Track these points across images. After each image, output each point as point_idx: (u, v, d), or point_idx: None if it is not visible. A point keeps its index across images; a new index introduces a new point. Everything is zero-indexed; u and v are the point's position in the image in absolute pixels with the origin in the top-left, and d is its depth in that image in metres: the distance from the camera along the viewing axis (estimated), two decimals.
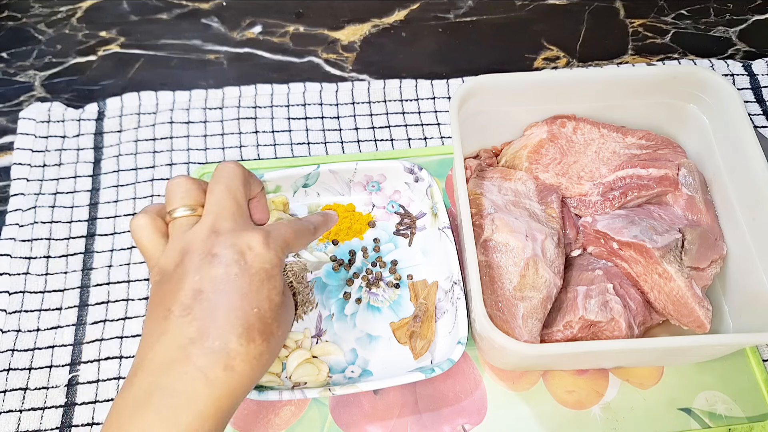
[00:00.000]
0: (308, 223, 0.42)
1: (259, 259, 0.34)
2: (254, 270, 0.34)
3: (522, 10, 0.72)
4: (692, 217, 0.49)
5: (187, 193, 0.37)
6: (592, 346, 0.39)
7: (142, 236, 0.37)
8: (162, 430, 0.30)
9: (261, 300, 0.34)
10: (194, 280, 0.33)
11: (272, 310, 0.34)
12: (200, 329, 0.32)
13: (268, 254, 0.35)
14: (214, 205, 0.36)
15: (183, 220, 0.37)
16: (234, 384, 0.32)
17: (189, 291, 0.33)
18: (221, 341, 0.32)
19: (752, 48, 0.69)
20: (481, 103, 0.50)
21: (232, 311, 0.33)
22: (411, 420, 0.47)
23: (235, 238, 0.35)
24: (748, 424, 0.47)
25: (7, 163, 0.60)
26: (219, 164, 0.39)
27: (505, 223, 0.46)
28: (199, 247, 0.34)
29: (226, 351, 0.32)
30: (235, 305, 0.33)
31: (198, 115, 0.62)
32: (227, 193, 0.37)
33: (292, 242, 0.38)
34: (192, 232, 0.35)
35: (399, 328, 0.50)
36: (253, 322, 0.33)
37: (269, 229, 0.37)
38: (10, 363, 0.50)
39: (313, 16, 0.71)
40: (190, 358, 0.31)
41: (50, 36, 0.69)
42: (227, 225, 0.35)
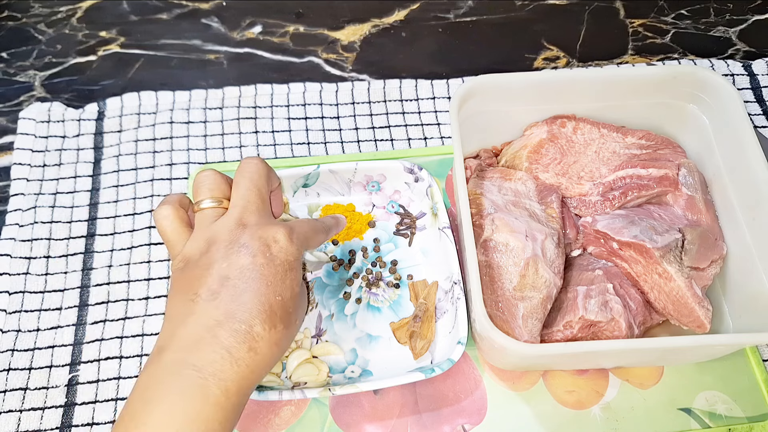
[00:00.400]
0: (323, 224, 0.44)
1: (284, 252, 0.37)
2: (279, 261, 0.36)
3: (522, 10, 0.72)
4: (692, 217, 0.49)
5: (215, 185, 0.39)
6: (592, 346, 0.39)
7: (166, 225, 0.39)
8: (189, 403, 0.32)
9: (284, 289, 0.36)
10: (222, 267, 0.35)
11: (293, 299, 0.37)
12: (227, 312, 0.34)
13: (291, 247, 0.37)
14: (241, 199, 0.38)
15: (209, 212, 0.38)
16: (255, 365, 0.34)
17: (216, 277, 0.35)
18: (247, 324, 0.34)
19: (752, 48, 0.69)
20: (481, 103, 0.50)
21: (258, 298, 0.35)
22: (411, 420, 0.47)
23: (261, 231, 0.37)
24: (748, 424, 0.47)
25: (7, 163, 0.60)
26: (244, 159, 0.41)
27: (505, 223, 0.46)
28: (226, 237, 0.36)
29: (251, 334, 0.34)
30: (261, 292, 0.35)
31: (198, 115, 0.62)
32: (253, 188, 0.39)
33: (310, 239, 0.40)
34: (219, 224, 0.37)
35: (399, 328, 0.50)
36: (276, 309, 0.35)
37: (292, 225, 0.39)
38: (10, 363, 0.50)
39: (313, 16, 0.71)
40: (218, 338, 0.33)
41: (50, 36, 0.69)
42: (253, 218, 0.38)
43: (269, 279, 0.36)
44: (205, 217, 0.38)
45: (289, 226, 0.38)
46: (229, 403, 0.33)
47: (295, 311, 0.37)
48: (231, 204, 0.39)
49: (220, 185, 0.39)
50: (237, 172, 0.40)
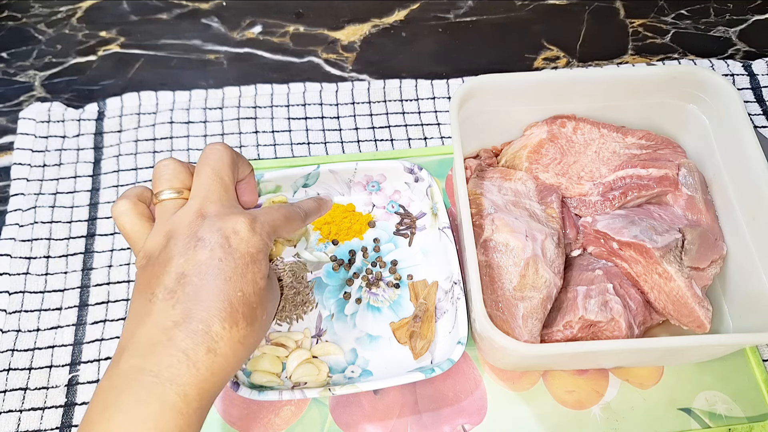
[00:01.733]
0: (299, 209, 0.42)
1: (244, 243, 0.34)
2: (239, 254, 0.34)
3: (522, 10, 0.72)
4: (692, 217, 0.49)
5: (174, 175, 0.37)
6: (592, 346, 0.39)
7: (124, 222, 0.37)
8: (147, 410, 0.30)
9: (245, 284, 0.34)
10: (179, 264, 0.33)
11: (257, 294, 0.35)
12: (184, 312, 0.32)
13: (253, 238, 0.35)
14: (201, 188, 0.36)
15: (169, 203, 0.37)
16: (217, 367, 0.32)
17: (173, 274, 0.33)
18: (204, 324, 0.32)
19: (752, 48, 0.69)
20: (481, 103, 0.50)
21: (216, 295, 0.33)
22: (411, 420, 0.47)
23: (220, 222, 0.35)
24: (748, 424, 0.47)
25: (7, 163, 0.60)
26: (207, 145, 0.38)
27: (505, 223, 0.46)
28: (184, 230, 0.34)
29: (210, 334, 0.32)
30: (219, 289, 0.33)
31: (198, 115, 0.62)
32: (214, 176, 0.37)
33: (280, 227, 0.38)
34: (177, 216, 0.35)
35: (399, 328, 0.50)
36: (237, 306, 0.33)
37: (257, 213, 0.37)
38: (10, 363, 0.50)
39: (313, 16, 0.71)
40: (174, 340, 0.32)
41: (50, 36, 0.69)
42: (213, 208, 0.35)
43: (228, 274, 0.33)
44: (164, 209, 0.36)
45: (252, 214, 0.36)
46: (189, 409, 0.31)
47: (261, 306, 0.35)
48: (191, 194, 0.36)
49: (179, 174, 0.37)
50: (199, 160, 0.38)
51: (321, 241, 0.54)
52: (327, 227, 0.54)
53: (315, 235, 0.55)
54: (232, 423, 0.47)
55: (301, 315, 0.51)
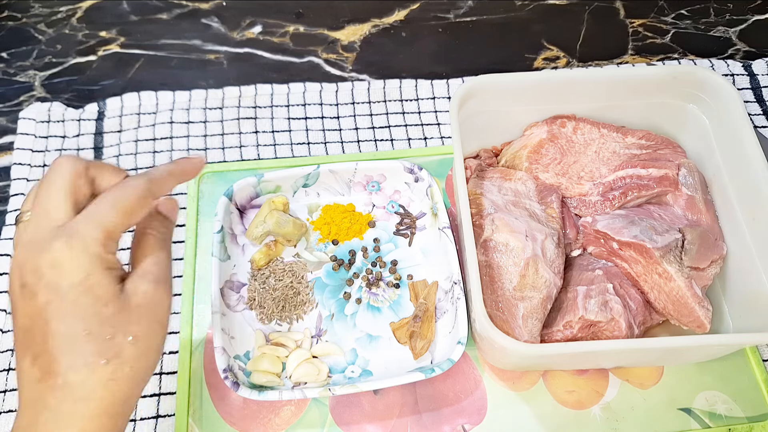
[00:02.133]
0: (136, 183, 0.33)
1: (67, 274, 0.30)
2: (64, 291, 0.30)
3: (522, 10, 0.72)
4: (692, 217, 0.49)
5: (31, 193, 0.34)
6: (592, 346, 0.39)
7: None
8: None
9: (86, 319, 0.30)
10: (20, 317, 0.31)
11: (106, 323, 0.31)
12: (42, 370, 0.30)
13: (75, 262, 0.30)
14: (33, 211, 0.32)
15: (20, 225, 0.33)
16: (97, 411, 0.30)
17: (20, 330, 0.31)
18: (62, 378, 0.30)
19: (752, 48, 0.69)
20: (481, 103, 0.50)
21: (61, 344, 0.30)
22: (411, 420, 0.47)
23: (38, 258, 0.31)
24: (748, 424, 0.47)
25: (7, 163, 0.60)
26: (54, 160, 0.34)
27: (505, 223, 0.46)
28: (13, 275, 0.32)
29: (69, 385, 0.30)
30: (61, 336, 0.30)
31: (198, 115, 0.62)
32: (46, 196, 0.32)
33: (113, 224, 0.32)
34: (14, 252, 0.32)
35: (399, 328, 0.50)
36: (87, 347, 0.30)
37: (75, 226, 0.31)
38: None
39: (313, 16, 0.71)
40: (43, 398, 0.30)
41: (50, 36, 0.69)
42: (36, 236, 0.31)
43: (61, 317, 0.30)
44: (19, 232, 0.33)
45: (70, 230, 0.31)
46: None
47: (121, 332, 0.31)
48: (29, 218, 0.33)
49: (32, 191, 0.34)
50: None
51: (321, 241, 0.54)
52: (327, 227, 0.54)
53: (315, 235, 0.55)
54: (232, 423, 0.47)
55: (301, 315, 0.51)
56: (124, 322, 0.31)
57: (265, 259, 0.52)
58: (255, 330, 0.50)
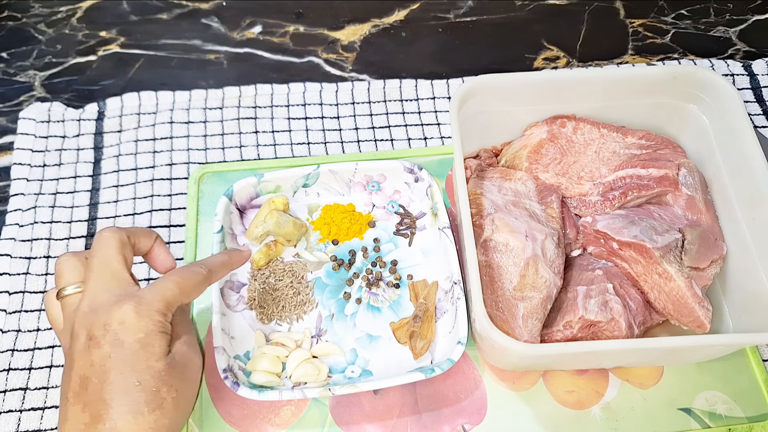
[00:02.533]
0: (199, 270, 0.41)
1: (131, 332, 0.36)
2: (127, 345, 0.36)
3: (522, 10, 0.72)
4: (692, 217, 0.49)
5: (72, 270, 0.39)
6: (592, 346, 0.39)
7: (48, 310, 0.40)
8: None
9: (140, 372, 0.36)
10: (79, 366, 0.36)
11: (155, 377, 0.36)
12: (92, 414, 0.35)
13: (140, 323, 0.36)
14: (91, 281, 0.38)
15: (70, 299, 0.39)
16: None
17: (77, 378, 0.36)
18: (111, 423, 0.34)
19: (752, 48, 0.69)
20: (481, 103, 0.50)
21: (115, 391, 0.35)
22: (411, 420, 0.47)
23: (106, 316, 0.36)
24: (748, 424, 0.47)
25: (7, 163, 0.60)
26: (96, 234, 0.40)
27: (505, 223, 0.46)
28: (79, 329, 0.37)
29: (117, 431, 0.34)
30: (117, 385, 0.35)
31: (198, 115, 0.62)
32: (101, 267, 0.38)
33: (173, 296, 0.39)
34: (75, 313, 0.38)
35: (399, 328, 0.50)
36: (137, 397, 0.35)
37: (143, 294, 0.38)
38: (10, 363, 0.50)
39: (313, 16, 0.71)
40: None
41: (50, 36, 0.69)
42: (103, 299, 0.37)
43: (120, 368, 0.35)
44: (67, 304, 0.39)
45: (138, 297, 0.37)
46: None
47: (166, 385, 0.36)
48: (84, 288, 0.38)
49: (76, 268, 0.39)
50: (90, 251, 0.39)
51: (321, 241, 0.54)
52: (327, 227, 0.54)
53: (315, 235, 0.55)
54: (232, 423, 0.47)
55: (301, 315, 0.51)
56: (169, 377, 0.37)
57: (265, 259, 0.52)
58: (255, 330, 0.50)
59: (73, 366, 0.36)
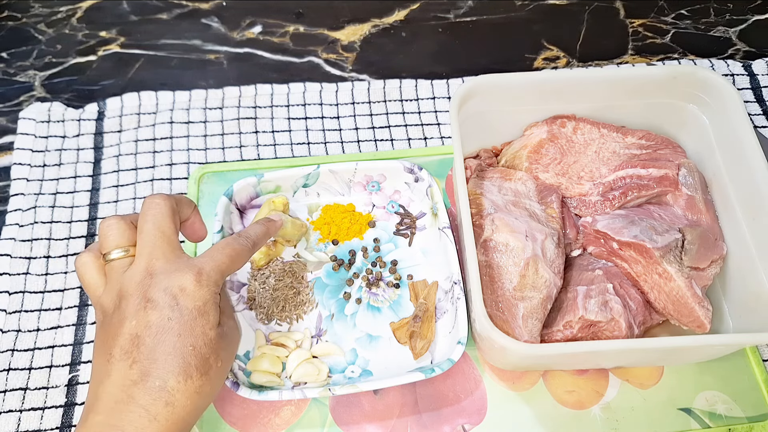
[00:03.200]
0: (246, 241, 0.42)
1: (191, 299, 0.37)
2: (187, 311, 0.36)
3: (522, 10, 0.72)
4: (692, 217, 0.49)
5: (120, 234, 0.39)
6: (592, 346, 0.39)
7: (84, 273, 0.39)
8: None
9: (195, 338, 0.36)
10: (131, 326, 0.36)
11: (207, 345, 0.37)
12: (141, 371, 0.35)
13: (200, 292, 0.37)
14: (145, 246, 0.38)
15: (117, 263, 0.39)
16: (176, 417, 0.35)
17: (127, 336, 0.36)
18: (161, 381, 0.35)
19: (752, 48, 0.69)
20: (481, 103, 0.50)
21: (169, 352, 0.35)
22: (411, 420, 0.47)
23: (167, 281, 0.37)
24: (748, 424, 0.47)
25: (7, 163, 0.60)
26: (146, 199, 0.40)
27: (505, 223, 0.46)
28: (134, 291, 0.37)
29: (166, 389, 0.35)
30: (171, 346, 0.36)
31: (198, 115, 0.62)
32: (156, 231, 0.38)
33: (227, 268, 0.40)
34: (127, 276, 0.38)
35: (399, 328, 0.50)
36: (190, 360, 0.36)
37: (202, 264, 0.38)
38: (10, 363, 0.50)
39: (313, 16, 0.71)
40: (134, 398, 0.34)
41: (50, 36, 0.69)
42: (159, 265, 0.37)
43: (178, 331, 0.36)
44: (114, 268, 0.38)
45: (198, 267, 0.38)
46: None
47: (214, 354, 0.37)
48: (137, 252, 0.38)
49: (124, 232, 0.39)
50: (140, 216, 0.39)
51: (321, 241, 0.54)
52: (327, 227, 0.54)
53: (315, 235, 0.55)
54: (232, 423, 0.47)
55: (301, 315, 0.51)
56: (217, 347, 0.38)
57: (265, 259, 0.52)
58: (255, 330, 0.50)
59: (122, 324, 0.36)
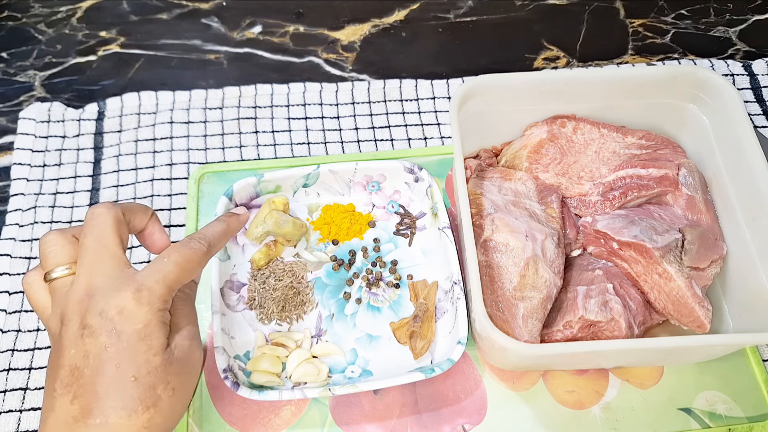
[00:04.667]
0: (197, 245, 0.38)
1: (130, 322, 0.33)
2: (125, 336, 0.33)
3: (522, 10, 0.72)
4: (692, 217, 0.49)
5: (60, 250, 0.36)
6: (592, 346, 0.39)
7: (31, 294, 0.36)
8: None
9: (137, 366, 0.33)
10: (71, 355, 0.33)
11: (152, 373, 0.33)
12: (82, 407, 0.32)
13: (139, 312, 0.33)
14: (84, 263, 0.35)
15: (60, 282, 0.36)
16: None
17: (67, 368, 0.33)
18: (102, 417, 0.32)
19: (752, 48, 0.69)
20: (481, 103, 0.50)
21: (109, 385, 0.32)
22: (411, 420, 0.47)
23: (104, 302, 0.33)
24: (748, 424, 0.47)
25: (7, 163, 0.60)
26: (89, 210, 0.37)
27: (505, 223, 0.46)
28: (72, 314, 0.34)
29: (108, 426, 0.32)
30: (111, 378, 0.32)
31: (198, 115, 0.62)
32: (97, 245, 0.35)
33: (176, 279, 0.36)
34: (67, 296, 0.34)
35: (399, 328, 0.50)
36: (132, 393, 0.33)
37: (143, 278, 0.35)
38: (10, 363, 0.50)
39: (313, 16, 0.71)
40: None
41: (50, 36, 0.69)
42: (99, 282, 0.34)
43: (117, 360, 0.33)
44: (56, 288, 0.35)
45: (137, 283, 0.34)
46: None
47: (162, 383, 0.34)
48: (77, 269, 0.35)
49: (64, 248, 0.36)
50: (82, 229, 0.36)
51: (321, 241, 0.54)
52: (327, 227, 0.54)
53: (315, 235, 0.55)
54: (232, 423, 0.47)
55: (301, 315, 0.51)
56: (166, 374, 0.34)
57: (265, 259, 0.52)
58: (255, 330, 0.50)
59: (62, 354, 0.33)
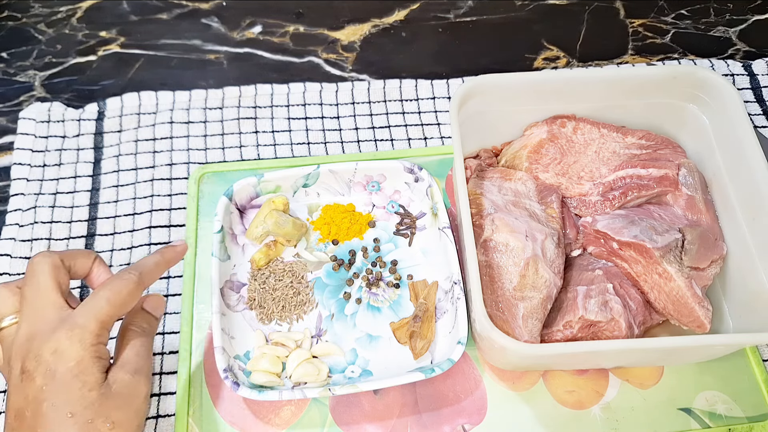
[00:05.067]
0: (129, 276, 0.38)
1: (63, 360, 0.34)
2: (59, 375, 0.34)
3: (522, 10, 0.72)
4: (692, 217, 0.49)
5: (6, 301, 0.38)
6: (592, 346, 0.39)
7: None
8: None
9: (73, 402, 0.34)
10: (14, 400, 0.35)
11: (89, 408, 0.34)
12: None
13: (72, 350, 0.35)
14: (25, 311, 0.37)
15: (7, 331, 0.38)
16: None
17: (12, 412, 0.35)
18: None
19: (752, 48, 0.69)
20: (481, 103, 0.50)
21: (48, 424, 0.34)
22: (411, 420, 0.47)
23: (40, 345, 0.35)
24: (748, 424, 0.47)
25: (7, 163, 0.60)
26: (29, 261, 0.38)
27: (505, 223, 0.46)
28: (15, 361, 0.36)
29: None
30: (49, 418, 0.34)
31: (198, 115, 0.62)
32: (35, 294, 0.37)
33: (108, 314, 0.36)
34: (12, 344, 0.36)
35: (399, 328, 0.50)
36: (69, 428, 0.34)
37: (75, 317, 0.36)
38: None
39: (313, 16, 0.71)
40: None
41: (50, 36, 0.69)
42: (38, 327, 0.36)
43: (53, 399, 0.34)
44: (4, 337, 0.38)
45: (71, 321, 0.35)
46: None
47: (101, 418, 0.35)
48: (19, 317, 0.37)
49: (8, 300, 0.38)
50: (23, 279, 0.38)
51: (321, 241, 0.54)
52: (327, 227, 0.54)
53: (315, 235, 0.55)
54: (232, 423, 0.47)
55: (301, 315, 0.51)
56: (104, 408, 0.35)
57: (265, 259, 0.52)
58: (255, 330, 0.50)
59: (9, 399, 0.35)
